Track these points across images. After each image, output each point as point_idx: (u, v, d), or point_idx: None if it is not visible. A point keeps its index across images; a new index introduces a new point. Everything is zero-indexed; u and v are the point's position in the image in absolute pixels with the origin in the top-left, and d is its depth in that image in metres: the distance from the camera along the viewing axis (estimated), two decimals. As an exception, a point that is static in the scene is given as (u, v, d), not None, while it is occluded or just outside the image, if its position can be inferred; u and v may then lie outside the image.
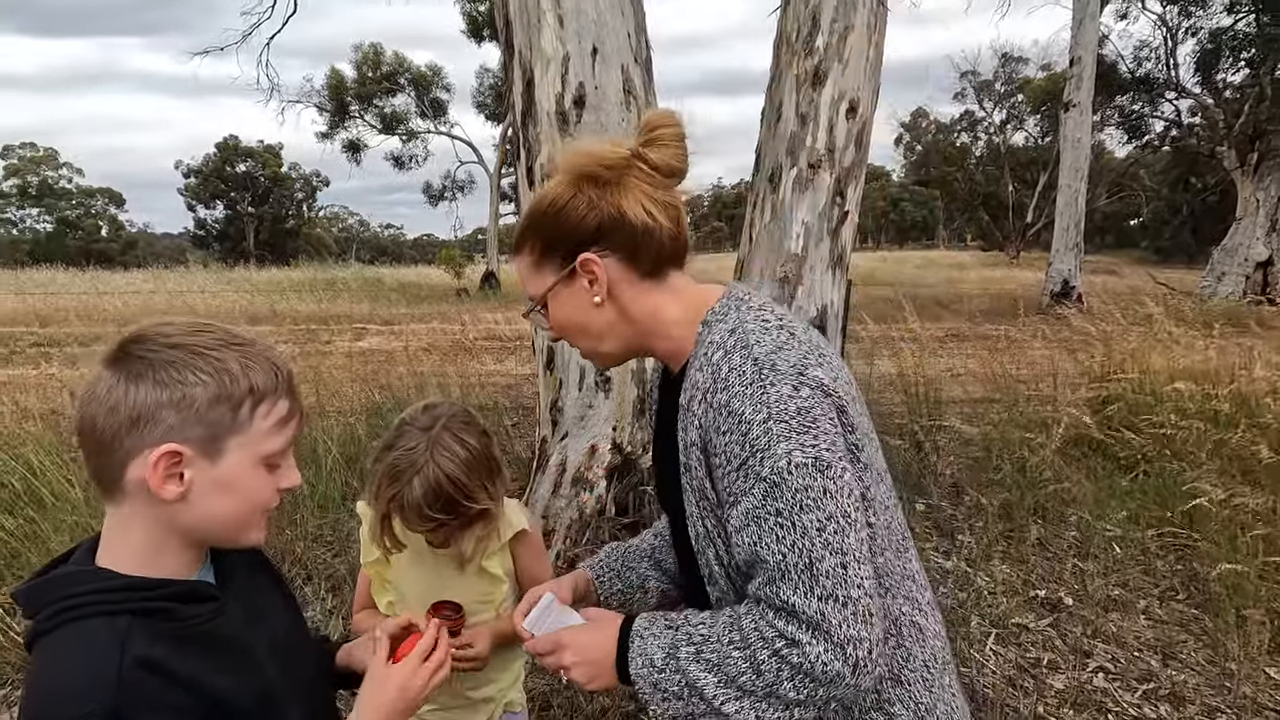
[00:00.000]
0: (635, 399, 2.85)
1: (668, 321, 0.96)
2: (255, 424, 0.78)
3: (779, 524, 0.78)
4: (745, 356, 0.85)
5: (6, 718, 2.45)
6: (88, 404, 0.74)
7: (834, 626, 0.76)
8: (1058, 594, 3.17)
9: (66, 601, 0.74)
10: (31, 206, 54.77)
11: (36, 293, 17.37)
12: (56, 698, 0.69)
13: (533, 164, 2.83)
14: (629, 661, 0.88)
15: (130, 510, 0.77)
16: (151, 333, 0.76)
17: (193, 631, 0.78)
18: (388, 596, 1.34)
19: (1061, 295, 13.69)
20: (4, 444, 3.85)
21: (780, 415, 0.80)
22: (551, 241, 0.95)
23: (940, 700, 0.91)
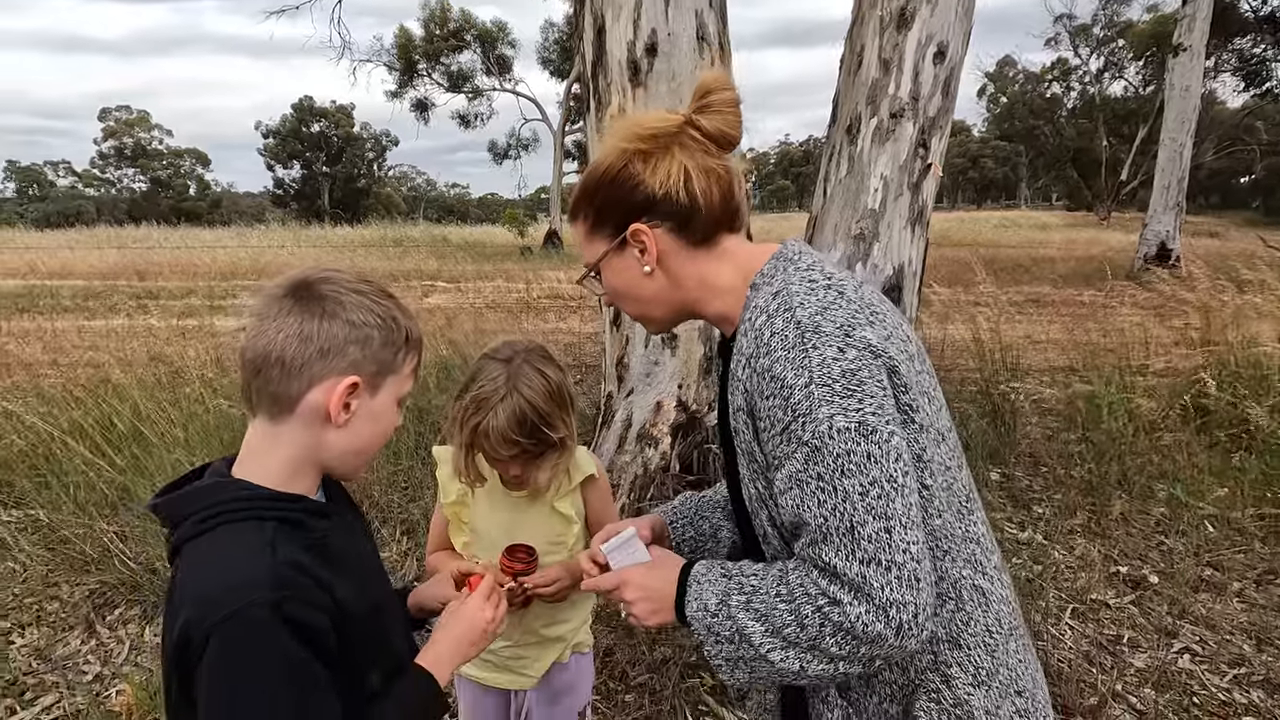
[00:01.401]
0: (702, 356, 2.81)
1: (718, 287, 0.95)
2: (404, 368, 0.90)
3: (820, 488, 0.78)
4: (788, 320, 0.83)
5: (121, 633, 2.70)
6: (277, 333, 0.82)
7: (875, 590, 0.76)
8: (1141, 571, 3.02)
9: (215, 508, 0.81)
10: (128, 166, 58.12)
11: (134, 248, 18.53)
12: (220, 591, 0.75)
13: (603, 115, 2.78)
14: (686, 604, 0.91)
15: (289, 429, 0.85)
16: (336, 278, 0.87)
17: (321, 543, 0.85)
18: (463, 537, 1.39)
19: (1157, 259, 12.74)
20: (112, 388, 4.15)
21: (823, 379, 0.79)
22: (602, 211, 0.95)
23: (1004, 666, 0.89)
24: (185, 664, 0.74)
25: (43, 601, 2.88)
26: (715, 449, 2.74)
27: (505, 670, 1.42)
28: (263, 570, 0.76)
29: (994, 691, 0.88)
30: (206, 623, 0.73)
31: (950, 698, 0.87)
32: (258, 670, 0.74)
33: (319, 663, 0.78)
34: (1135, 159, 29.59)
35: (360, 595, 0.87)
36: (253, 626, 0.73)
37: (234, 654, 0.73)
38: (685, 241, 0.93)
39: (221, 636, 0.72)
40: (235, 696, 0.73)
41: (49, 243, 20.47)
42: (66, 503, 3.27)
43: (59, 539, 3.14)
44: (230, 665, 0.73)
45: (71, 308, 9.78)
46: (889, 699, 0.90)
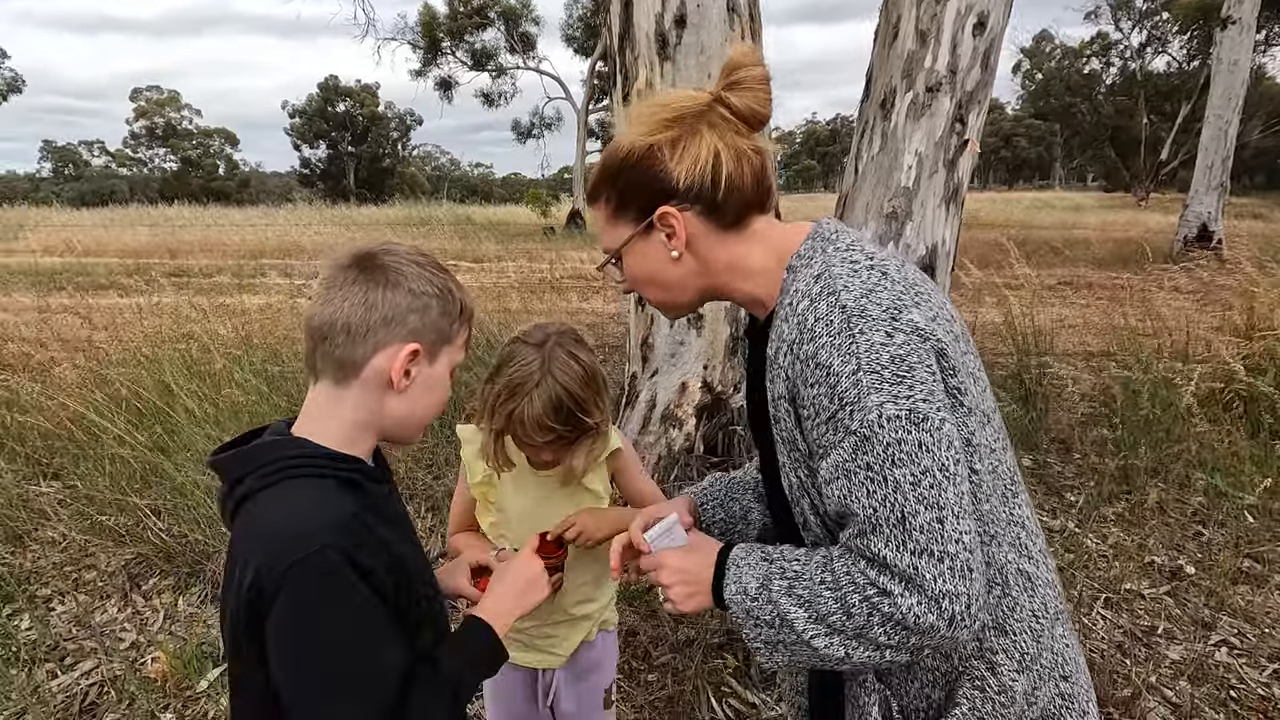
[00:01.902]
0: (728, 337, 2.77)
1: (750, 270, 0.92)
2: (458, 338, 0.93)
3: (869, 478, 0.76)
4: (832, 304, 0.80)
5: (156, 603, 2.77)
6: (343, 302, 0.86)
7: (928, 581, 0.74)
8: (1177, 561, 2.94)
9: (279, 464, 0.84)
10: (159, 146, 59.00)
11: (166, 226, 18.85)
12: (293, 537, 0.77)
13: (629, 90, 2.72)
14: (724, 587, 0.90)
15: (352, 394, 0.88)
16: (395, 250, 0.90)
17: (379, 504, 0.89)
18: (490, 516, 1.38)
19: (1198, 241, 12.33)
20: (143, 364, 4.23)
21: (871, 366, 0.76)
22: (627, 194, 0.92)
23: (1047, 650, 0.88)
24: (256, 612, 0.76)
25: (81, 570, 2.96)
26: (740, 430, 2.71)
27: (533, 649, 1.42)
28: (331, 518, 0.80)
29: (1037, 676, 0.86)
30: (279, 569, 0.75)
31: (995, 684, 0.85)
32: (332, 611, 0.77)
33: (386, 610, 0.81)
34: (1176, 137, 28.57)
35: (414, 553, 0.92)
36: (326, 569, 0.76)
37: (308, 597, 0.76)
38: (715, 224, 0.90)
39: (295, 581, 0.75)
40: (311, 638, 0.76)
41: (84, 221, 20.90)
42: (101, 476, 3.35)
43: (95, 511, 3.22)
44: (305, 608, 0.76)
45: (106, 285, 9.98)
46: (930, 685, 0.88)
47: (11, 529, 3.19)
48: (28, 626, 2.61)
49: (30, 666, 2.42)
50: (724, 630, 2.37)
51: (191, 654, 2.40)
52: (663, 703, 2.18)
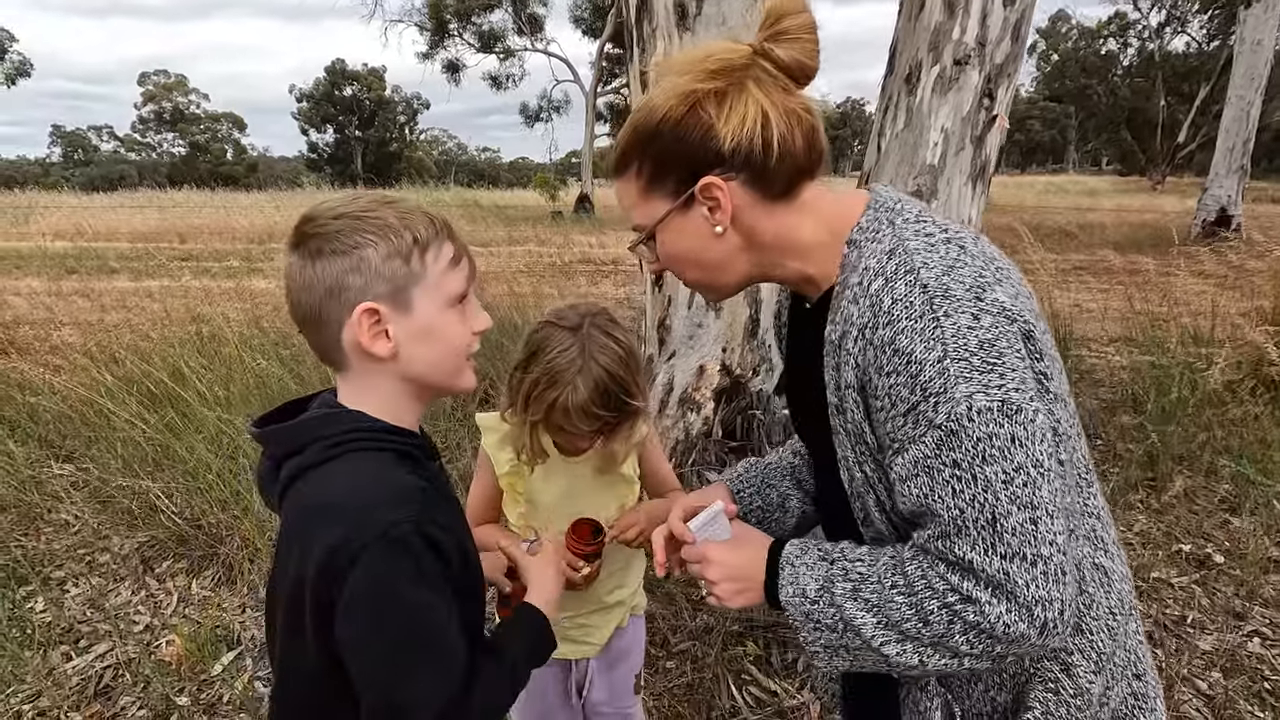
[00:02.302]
0: (747, 319, 2.71)
1: (801, 246, 0.84)
2: (429, 270, 0.81)
3: (956, 476, 0.69)
4: (911, 283, 0.72)
5: (169, 586, 2.75)
6: (290, 290, 0.81)
7: (1020, 587, 0.68)
8: (1205, 550, 2.88)
9: (337, 437, 0.80)
10: (167, 131, 59.01)
11: (175, 211, 18.87)
12: (366, 511, 0.75)
13: (646, 65, 2.64)
14: (779, 589, 0.83)
15: (357, 376, 0.83)
16: (317, 211, 0.81)
17: (434, 481, 0.85)
18: (519, 508, 1.33)
19: (1217, 225, 12.11)
20: (154, 347, 4.21)
21: (958, 352, 0.69)
22: (664, 164, 0.81)
23: (1121, 648, 0.82)
24: (326, 589, 0.74)
25: (94, 553, 2.95)
26: (759, 414, 2.66)
27: (568, 641, 1.37)
28: (403, 494, 0.77)
29: (1110, 675, 0.81)
30: (355, 543, 0.73)
31: (1070, 687, 0.79)
32: (410, 585, 0.75)
33: (451, 586, 0.79)
34: (1195, 119, 28.07)
35: (467, 536, 0.88)
36: (401, 545, 0.74)
37: (385, 571, 0.74)
38: (762, 195, 0.81)
39: (372, 555, 0.73)
40: (386, 612, 0.75)
41: (95, 205, 20.94)
42: (114, 459, 3.33)
43: (108, 494, 3.20)
44: (382, 583, 0.74)
45: (118, 269, 9.99)
46: (996, 688, 0.83)
47: (25, 511, 3.18)
48: (42, 609, 2.61)
49: (45, 649, 2.41)
50: (744, 618, 2.33)
51: (206, 638, 2.38)
52: (682, 690, 2.15)
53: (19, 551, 2.89)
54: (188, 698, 2.20)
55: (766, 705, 2.09)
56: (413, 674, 0.75)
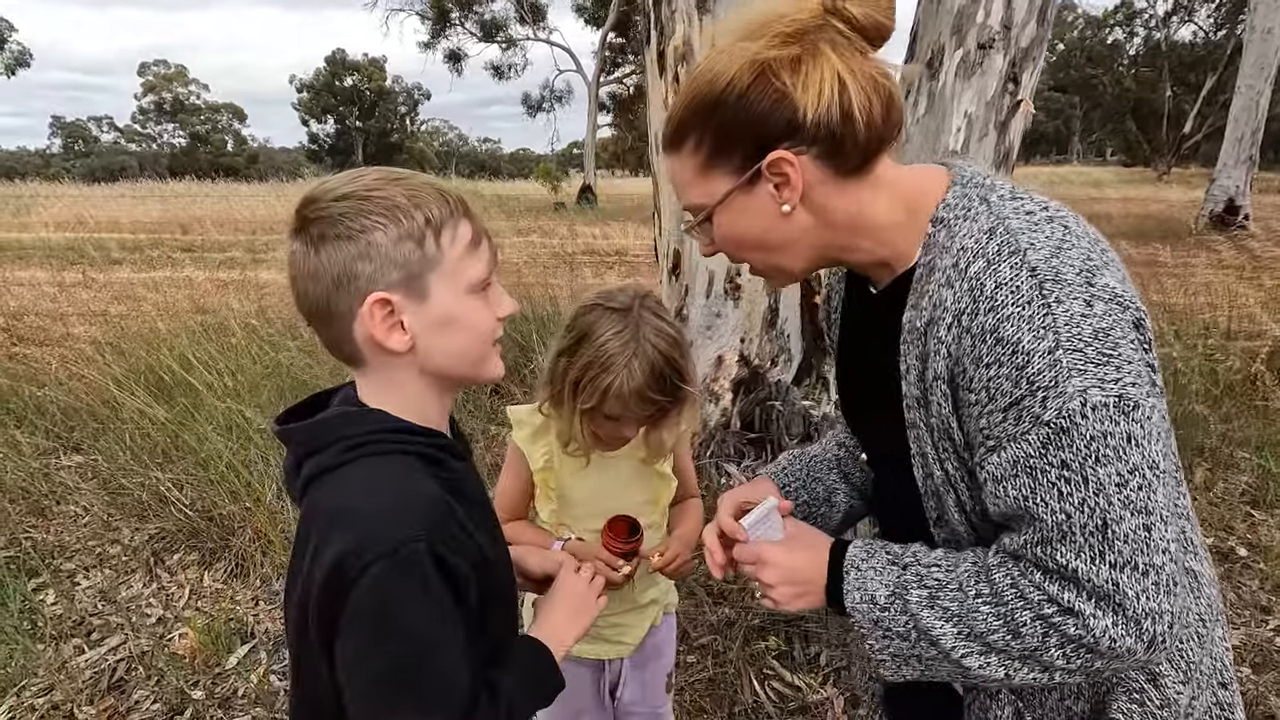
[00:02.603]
0: (765, 309, 2.67)
1: (877, 225, 0.77)
2: (446, 253, 0.74)
3: (1064, 478, 0.63)
4: (1018, 266, 0.66)
5: (181, 578, 2.72)
6: (295, 281, 0.74)
7: (1129, 599, 0.63)
8: (1228, 543, 2.84)
9: (357, 438, 0.74)
10: (167, 121, 58.78)
11: (176, 201, 18.79)
12: (377, 524, 0.70)
13: (665, 47, 2.59)
14: (844, 594, 0.78)
15: (375, 371, 0.76)
16: (317, 193, 0.73)
17: (460, 484, 0.79)
18: (550, 504, 1.28)
19: (1225, 216, 12.03)
20: (161, 339, 4.17)
21: (1072, 342, 0.63)
22: (727, 138, 0.73)
23: (1209, 655, 0.77)
24: (333, 597, 0.70)
25: (105, 545, 2.92)
26: (778, 406, 2.62)
27: (602, 641, 1.34)
28: (419, 508, 0.72)
29: (1197, 684, 0.76)
30: (365, 556, 0.68)
31: (1157, 698, 0.75)
32: (412, 610, 0.70)
33: (459, 610, 0.74)
34: (1201, 110, 27.87)
35: (493, 541, 0.83)
36: (410, 565, 0.69)
37: (390, 589, 0.69)
38: (836, 170, 0.73)
39: (379, 571, 0.68)
40: (386, 633, 0.70)
41: (96, 196, 20.87)
42: (122, 450, 3.30)
43: (117, 485, 3.17)
44: (385, 600, 0.69)
45: (120, 260, 9.95)
46: (1073, 697, 0.78)
47: (35, 502, 3.15)
48: (53, 601, 2.58)
49: (57, 641, 2.39)
50: (766, 612, 2.30)
51: (219, 630, 2.35)
52: (703, 685, 2.12)
53: (29, 543, 2.86)
54: (202, 691, 2.17)
55: (789, 700, 2.06)
56: (400, 707, 0.71)
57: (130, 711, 2.12)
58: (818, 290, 2.84)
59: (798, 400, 2.67)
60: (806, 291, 2.81)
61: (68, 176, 41.09)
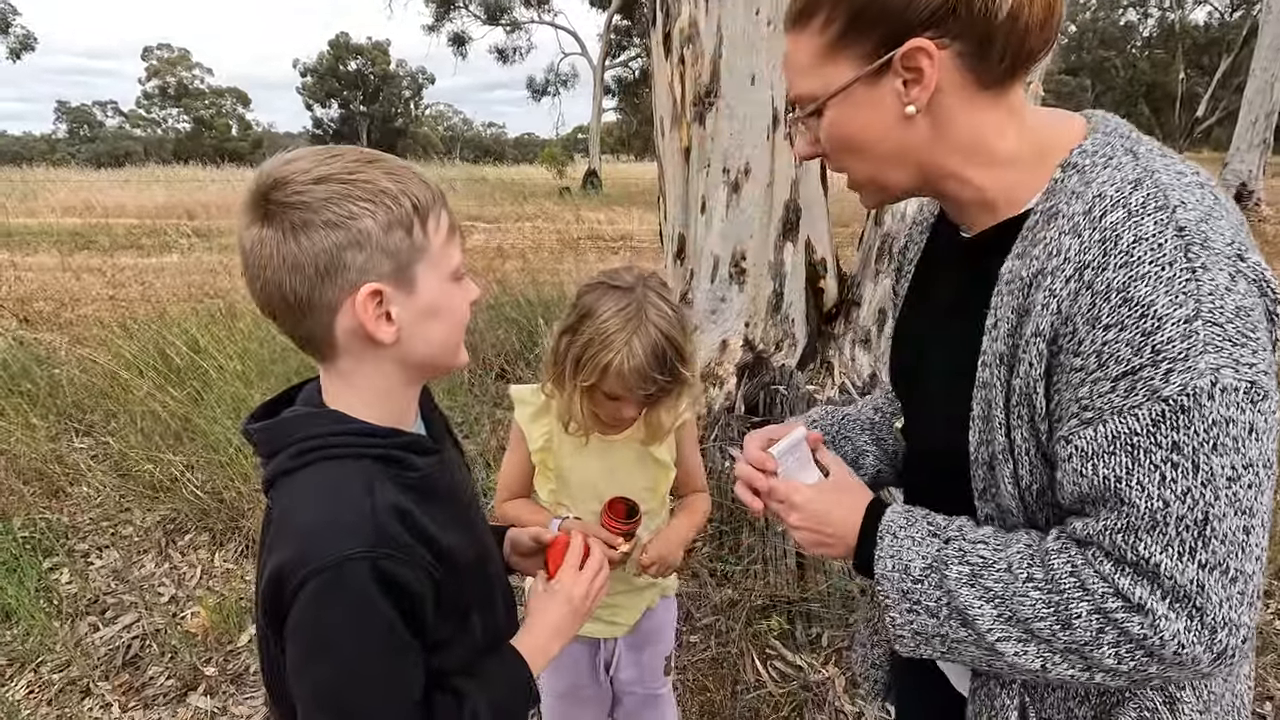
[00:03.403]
0: (771, 293, 2.67)
1: (998, 155, 0.68)
2: (432, 241, 0.72)
3: (1172, 461, 0.57)
4: (1164, 223, 0.59)
5: (193, 558, 2.77)
6: (264, 271, 0.67)
7: (1212, 605, 0.58)
8: None
9: (312, 441, 0.71)
10: (171, 106, 58.66)
11: (182, 186, 18.80)
12: (316, 538, 0.67)
13: (671, 29, 2.57)
14: (875, 559, 0.74)
15: (348, 364, 0.73)
16: (287, 174, 0.67)
17: (425, 483, 0.76)
18: (550, 484, 1.30)
19: (1237, 200, 11.89)
20: (171, 323, 4.20)
21: (1213, 315, 0.56)
22: (863, 17, 0.64)
23: (1230, 690, 0.74)
24: (277, 603, 0.69)
25: (118, 526, 2.96)
26: (783, 390, 2.63)
27: (596, 620, 1.35)
28: (363, 520, 0.68)
29: (1215, 717, 0.73)
30: (302, 570, 0.66)
31: None
32: (344, 632, 0.68)
33: (409, 628, 0.71)
34: (1215, 93, 27.46)
35: (466, 538, 0.79)
36: (347, 582, 0.66)
37: (323, 610, 0.67)
38: (975, 78, 0.65)
39: (314, 589, 0.66)
40: (319, 655, 0.68)
41: (102, 181, 20.90)
42: (134, 432, 3.34)
43: (129, 467, 3.21)
44: (316, 622, 0.67)
45: (127, 244, 9.98)
46: (1077, 700, 0.74)
47: (48, 484, 3.20)
48: (68, 580, 2.63)
49: (72, 619, 2.43)
50: (768, 593, 2.32)
51: (231, 609, 2.40)
52: (706, 664, 2.15)
53: (44, 524, 2.90)
54: (215, 668, 2.22)
55: (791, 679, 2.09)
56: None
57: (144, 687, 2.16)
58: (822, 276, 2.83)
59: (802, 384, 2.68)
60: (812, 276, 2.81)
61: (73, 162, 41.15)
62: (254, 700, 2.11)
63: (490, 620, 0.85)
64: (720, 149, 2.56)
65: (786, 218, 2.63)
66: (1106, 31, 34.58)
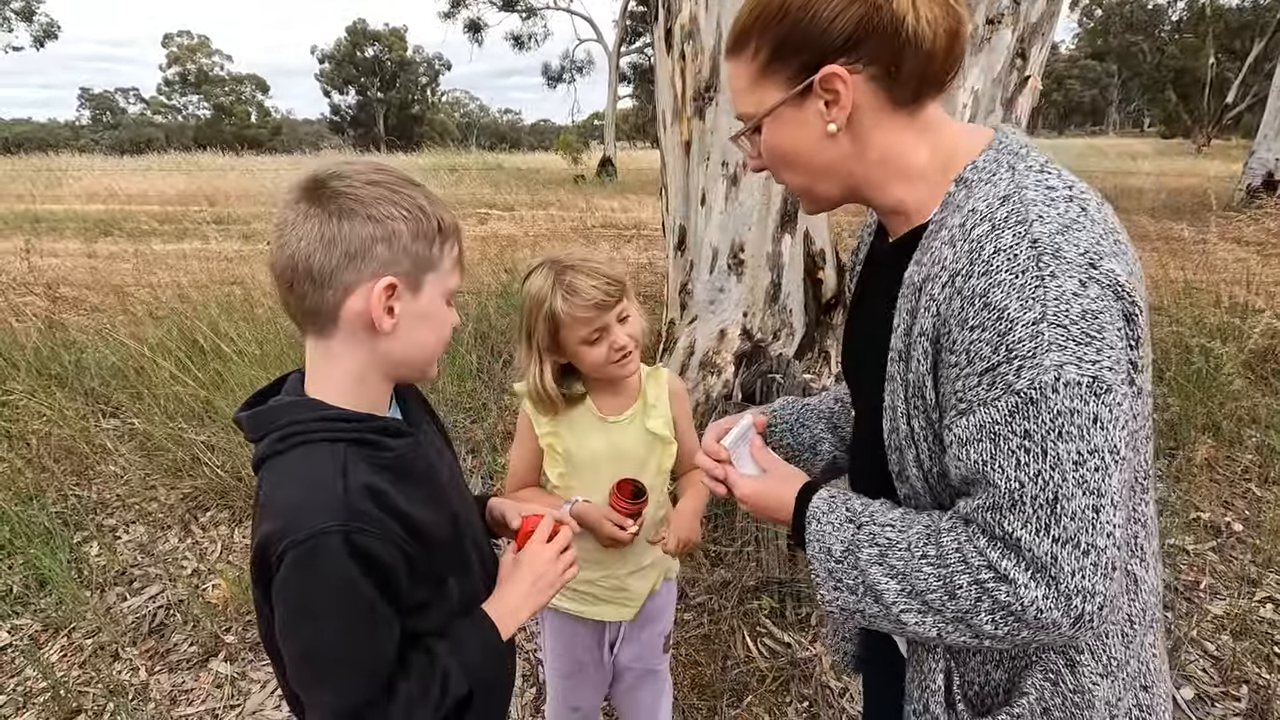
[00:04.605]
0: (769, 284, 2.73)
1: (909, 171, 0.76)
2: (444, 261, 0.83)
3: (1024, 447, 0.65)
4: (1021, 235, 0.66)
5: (214, 534, 2.90)
6: (298, 242, 0.76)
7: (1065, 574, 0.64)
8: (1224, 518, 2.88)
9: (293, 427, 0.79)
10: (192, 93, 59.19)
11: (203, 174, 19.06)
12: (294, 513, 0.75)
13: (672, 25, 2.63)
14: (806, 541, 0.83)
15: (340, 343, 0.81)
16: (348, 171, 0.79)
17: (399, 463, 0.83)
18: (559, 468, 1.37)
19: (1264, 190, 11.67)
20: (192, 308, 4.34)
21: (1057, 318, 0.63)
22: (785, 47, 0.73)
23: (1134, 658, 0.80)
24: (264, 571, 0.77)
25: (143, 503, 3.11)
26: (779, 379, 2.70)
27: (607, 603, 1.42)
28: (336, 498, 0.75)
29: (1120, 684, 0.80)
30: (282, 543, 0.73)
31: (1070, 683, 0.78)
32: (321, 599, 0.75)
33: (383, 598, 0.78)
34: (1245, 78, 26.79)
35: (440, 515, 0.87)
36: (321, 555, 0.73)
37: (301, 579, 0.74)
38: (888, 98, 0.73)
39: (293, 560, 0.73)
40: (300, 620, 0.76)
41: (124, 169, 21.24)
42: (158, 413, 3.48)
43: (154, 446, 3.36)
44: (297, 590, 0.75)
45: (149, 231, 10.19)
46: (994, 664, 0.82)
47: (77, 462, 3.35)
48: (97, 553, 2.77)
49: (102, 590, 2.58)
50: (759, 574, 2.41)
51: (249, 582, 2.52)
52: (699, 640, 2.24)
53: (74, 500, 3.05)
54: (235, 636, 2.35)
55: (780, 656, 2.18)
56: (317, 683, 0.78)
57: (169, 653, 2.30)
58: (821, 267, 2.89)
59: (799, 374, 2.74)
60: (810, 268, 2.87)
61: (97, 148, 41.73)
62: (271, 667, 2.23)
63: (468, 585, 0.92)
64: (719, 143, 2.62)
65: (784, 210, 2.68)
66: (1133, 15, 33.77)
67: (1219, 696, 2.03)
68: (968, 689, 0.83)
